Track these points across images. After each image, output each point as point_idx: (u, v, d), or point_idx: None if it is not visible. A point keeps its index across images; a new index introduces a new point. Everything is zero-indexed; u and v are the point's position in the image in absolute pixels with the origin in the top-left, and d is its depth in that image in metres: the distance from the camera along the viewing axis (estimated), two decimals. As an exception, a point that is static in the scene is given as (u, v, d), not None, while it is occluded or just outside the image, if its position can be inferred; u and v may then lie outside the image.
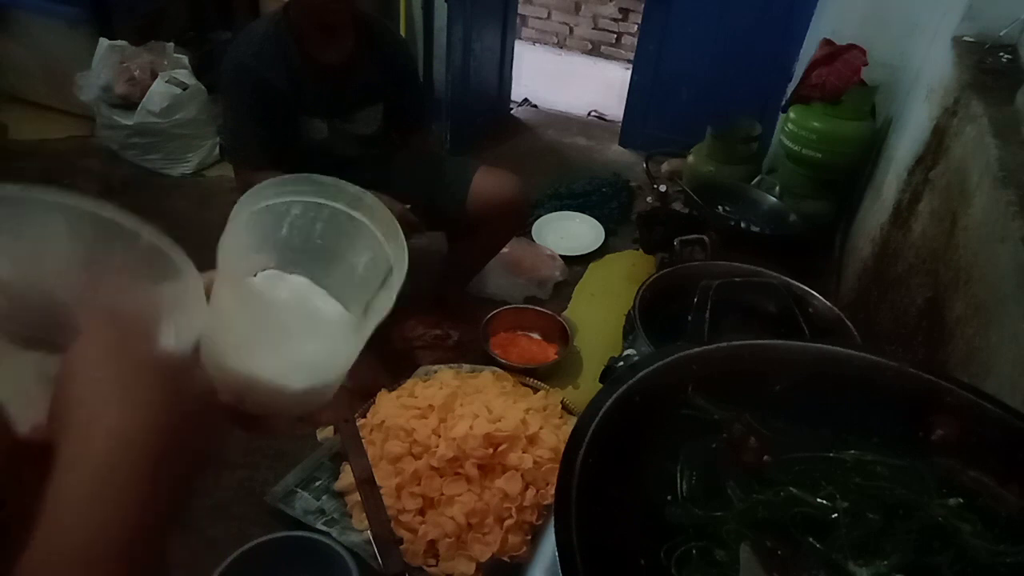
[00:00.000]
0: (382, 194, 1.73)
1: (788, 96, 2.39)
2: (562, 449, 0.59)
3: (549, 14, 4.55)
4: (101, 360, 0.34)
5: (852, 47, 2.22)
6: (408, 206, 1.79)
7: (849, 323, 1.42)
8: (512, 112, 3.64)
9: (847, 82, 2.17)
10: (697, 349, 0.72)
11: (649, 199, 2.86)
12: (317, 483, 1.62)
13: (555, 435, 1.64)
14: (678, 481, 0.65)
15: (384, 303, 0.47)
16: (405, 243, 0.48)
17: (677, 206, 2.52)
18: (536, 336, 2.14)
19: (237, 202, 0.44)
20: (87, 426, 0.32)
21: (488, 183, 1.86)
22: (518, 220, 1.99)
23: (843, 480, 0.65)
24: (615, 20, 4.40)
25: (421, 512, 1.52)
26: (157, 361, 0.36)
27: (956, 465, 0.66)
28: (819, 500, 0.63)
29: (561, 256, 2.48)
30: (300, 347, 0.46)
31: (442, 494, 1.53)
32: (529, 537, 1.50)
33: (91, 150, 2.90)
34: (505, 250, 2.13)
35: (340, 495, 1.58)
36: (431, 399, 1.68)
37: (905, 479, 0.65)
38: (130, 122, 2.73)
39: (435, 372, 1.87)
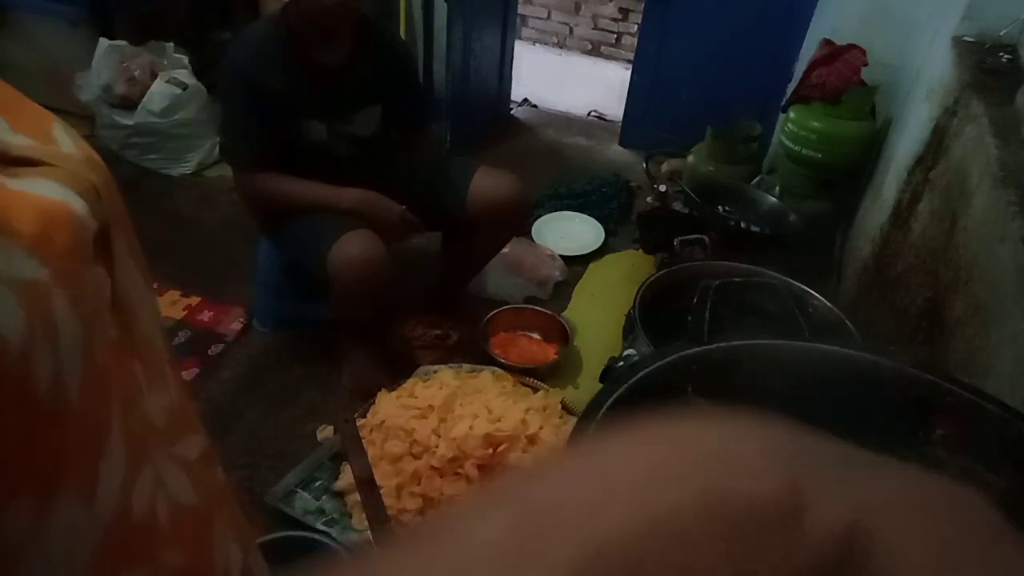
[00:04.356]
0: (382, 194, 1.76)
1: (788, 96, 2.39)
2: (562, 449, 0.59)
3: (549, 14, 4.55)
4: None
5: (852, 47, 2.22)
6: (407, 206, 1.79)
7: (849, 323, 1.42)
8: (512, 112, 3.64)
9: (847, 82, 2.17)
10: (697, 349, 0.72)
11: (649, 199, 2.85)
12: (317, 483, 1.62)
13: (555, 435, 1.64)
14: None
15: None
16: None
17: (677, 206, 2.51)
18: (536, 336, 2.13)
19: None
20: None
21: (488, 183, 1.86)
22: (518, 220, 1.99)
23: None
24: (615, 20, 4.40)
25: (421, 512, 1.52)
26: None
27: (956, 464, 0.66)
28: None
29: (561, 256, 2.48)
30: None
31: (442, 494, 1.53)
32: (529, 537, 1.50)
33: (91, 150, 2.90)
34: (505, 250, 2.13)
35: (340, 495, 1.58)
36: (431, 399, 1.68)
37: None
38: (130, 122, 2.73)
39: (435, 372, 1.87)
